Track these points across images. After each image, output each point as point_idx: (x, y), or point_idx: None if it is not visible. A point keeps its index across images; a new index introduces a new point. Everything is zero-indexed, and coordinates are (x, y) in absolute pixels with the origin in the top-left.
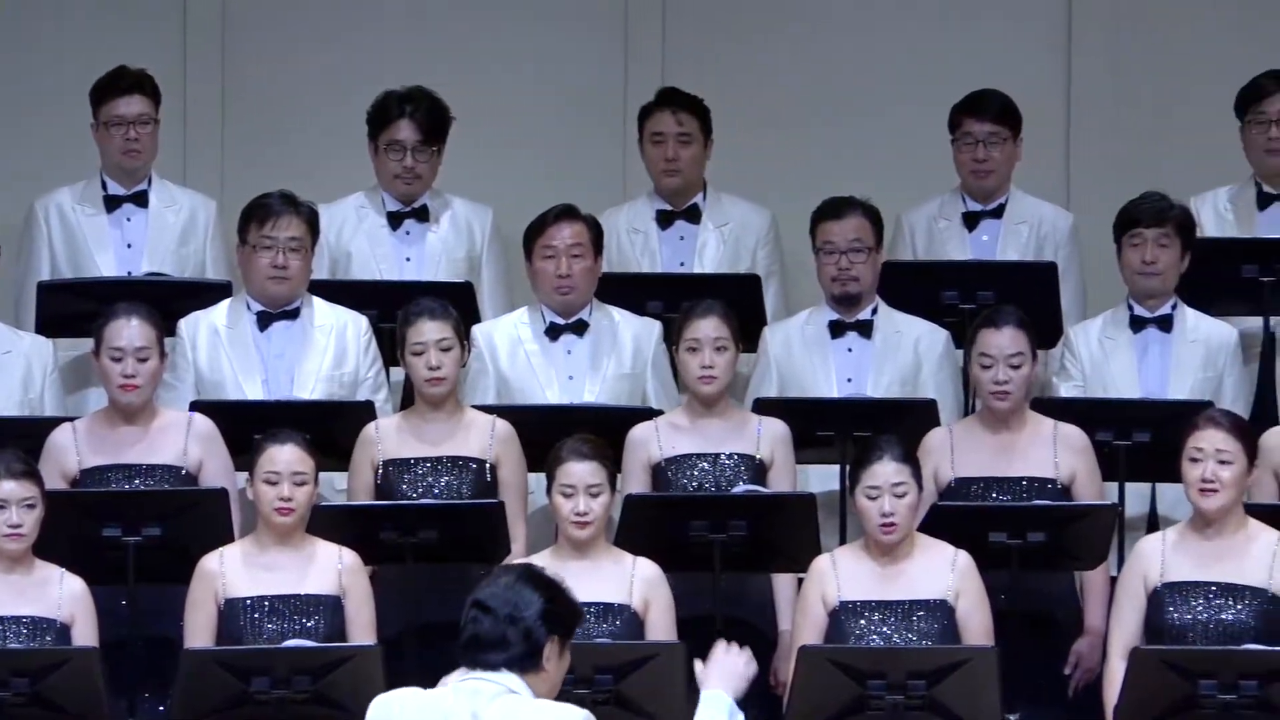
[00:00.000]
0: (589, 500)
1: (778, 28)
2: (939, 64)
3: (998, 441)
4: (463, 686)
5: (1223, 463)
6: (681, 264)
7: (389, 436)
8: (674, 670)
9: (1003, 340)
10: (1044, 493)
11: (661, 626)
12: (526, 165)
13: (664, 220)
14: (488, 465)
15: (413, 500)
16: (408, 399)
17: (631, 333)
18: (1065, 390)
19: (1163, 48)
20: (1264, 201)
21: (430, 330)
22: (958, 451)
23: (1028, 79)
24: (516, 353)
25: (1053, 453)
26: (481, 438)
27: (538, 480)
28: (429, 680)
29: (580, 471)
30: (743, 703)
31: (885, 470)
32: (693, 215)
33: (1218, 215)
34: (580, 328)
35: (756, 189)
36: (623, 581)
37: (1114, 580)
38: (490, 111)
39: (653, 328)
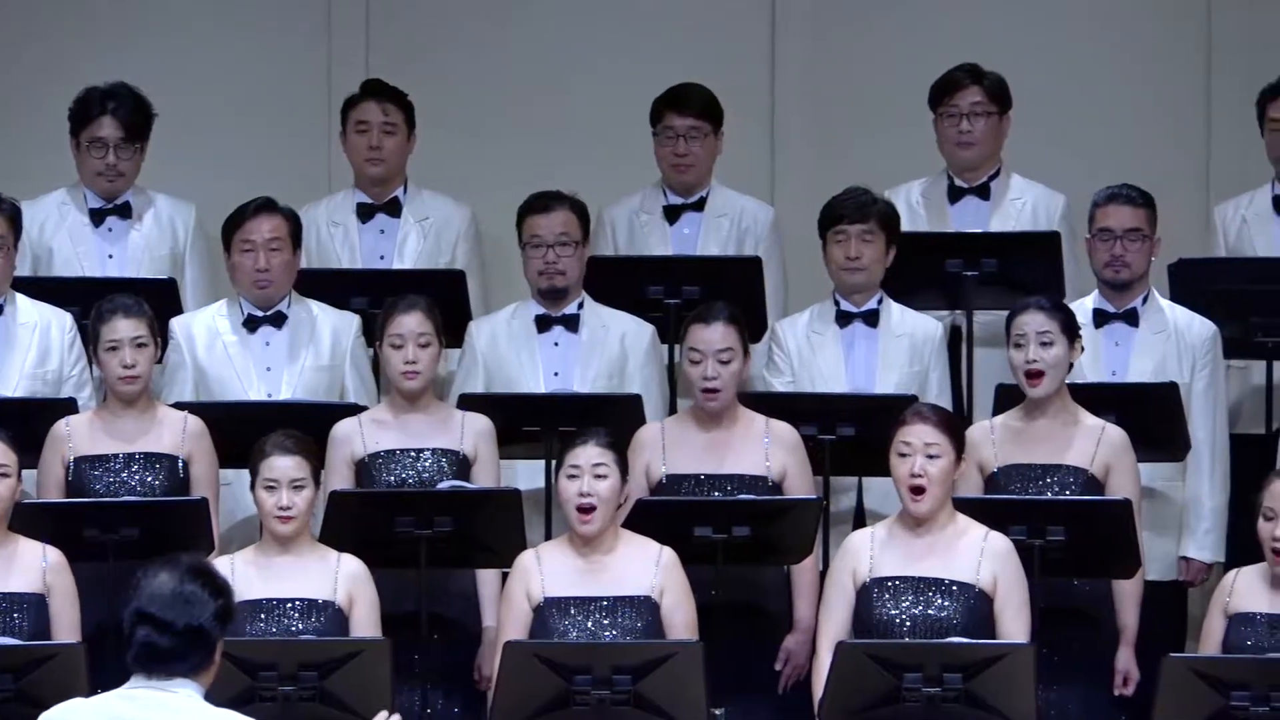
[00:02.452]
0: (292, 495)
1: (480, 24)
2: (641, 56)
3: (709, 438)
4: (140, 696)
5: (931, 457)
6: (381, 257)
7: (80, 433)
8: (379, 666)
9: (713, 336)
10: (755, 489)
11: (366, 623)
12: (230, 162)
13: (364, 214)
14: (180, 461)
15: (104, 496)
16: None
17: (330, 325)
18: (773, 385)
19: (863, 41)
20: (955, 195)
21: (124, 328)
22: (669, 448)
23: (731, 72)
24: (215, 344)
25: (764, 449)
26: (174, 434)
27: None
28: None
29: (284, 466)
30: (449, 699)
31: (588, 453)
32: (393, 209)
33: (910, 209)
34: (278, 319)
35: (460, 185)
36: (327, 578)
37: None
38: (194, 108)
39: (351, 321)
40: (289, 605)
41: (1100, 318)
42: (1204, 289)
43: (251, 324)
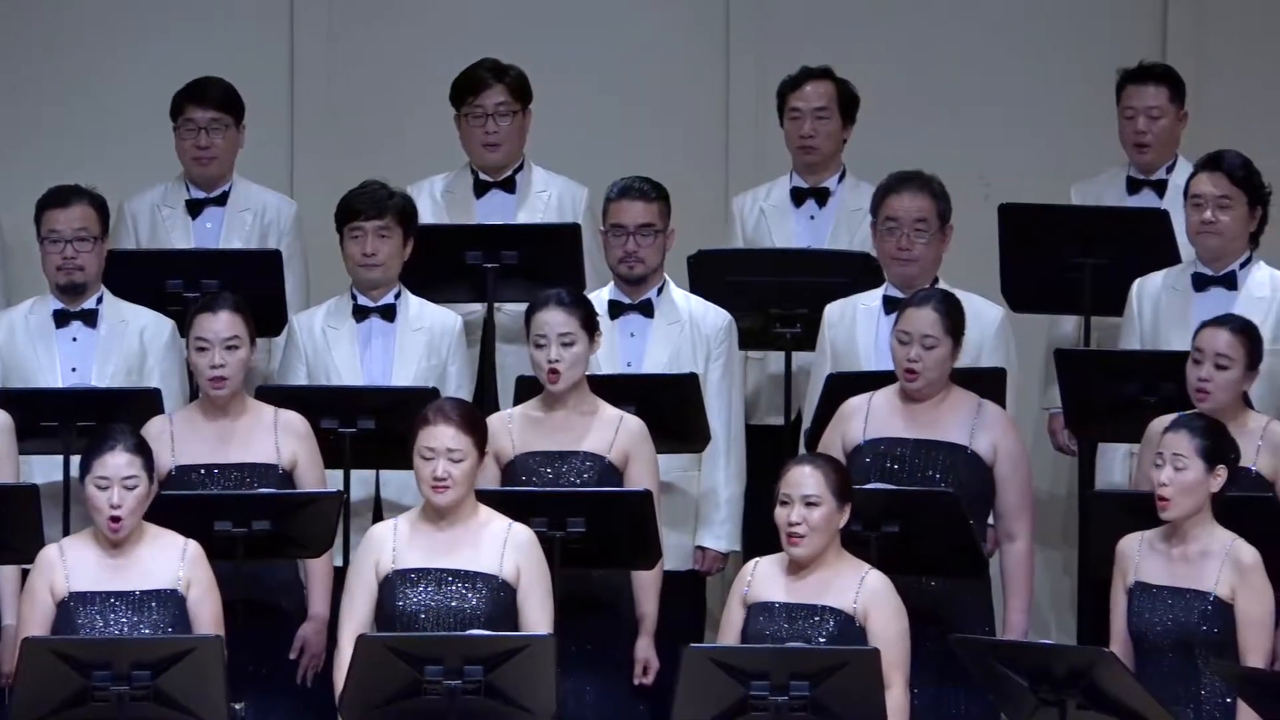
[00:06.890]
0: None
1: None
2: (162, 49)
3: (217, 428)
4: None
5: (455, 461)
6: None
7: None
8: None
9: (218, 325)
10: (266, 479)
11: None
12: None
13: None
14: None
15: None
16: None
17: None
18: (293, 378)
19: (382, 34)
20: (480, 189)
21: None
22: (178, 440)
23: (250, 65)
24: None
25: (274, 439)
26: None
27: None
28: None
29: None
30: None
31: (117, 461)
32: None
33: (434, 203)
34: None
35: None
36: None
37: (340, 569)
38: None
39: None
40: None
41: (615, 309)
42: (723, 280)
43: None
